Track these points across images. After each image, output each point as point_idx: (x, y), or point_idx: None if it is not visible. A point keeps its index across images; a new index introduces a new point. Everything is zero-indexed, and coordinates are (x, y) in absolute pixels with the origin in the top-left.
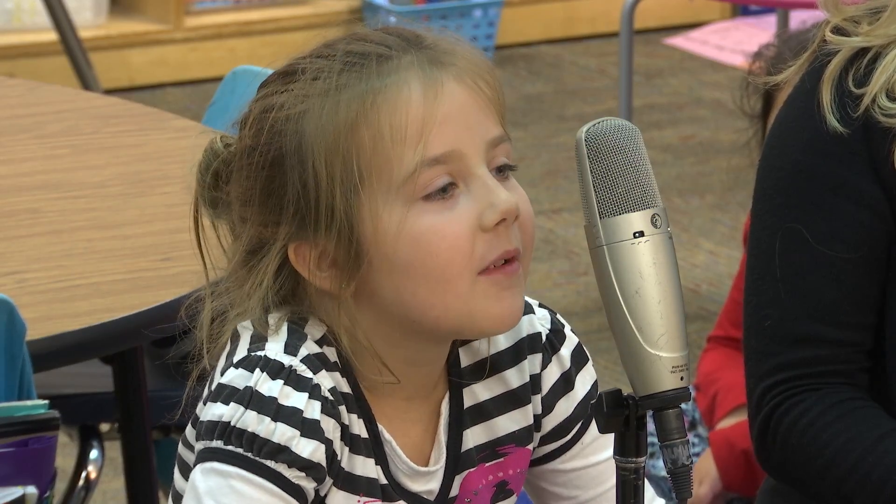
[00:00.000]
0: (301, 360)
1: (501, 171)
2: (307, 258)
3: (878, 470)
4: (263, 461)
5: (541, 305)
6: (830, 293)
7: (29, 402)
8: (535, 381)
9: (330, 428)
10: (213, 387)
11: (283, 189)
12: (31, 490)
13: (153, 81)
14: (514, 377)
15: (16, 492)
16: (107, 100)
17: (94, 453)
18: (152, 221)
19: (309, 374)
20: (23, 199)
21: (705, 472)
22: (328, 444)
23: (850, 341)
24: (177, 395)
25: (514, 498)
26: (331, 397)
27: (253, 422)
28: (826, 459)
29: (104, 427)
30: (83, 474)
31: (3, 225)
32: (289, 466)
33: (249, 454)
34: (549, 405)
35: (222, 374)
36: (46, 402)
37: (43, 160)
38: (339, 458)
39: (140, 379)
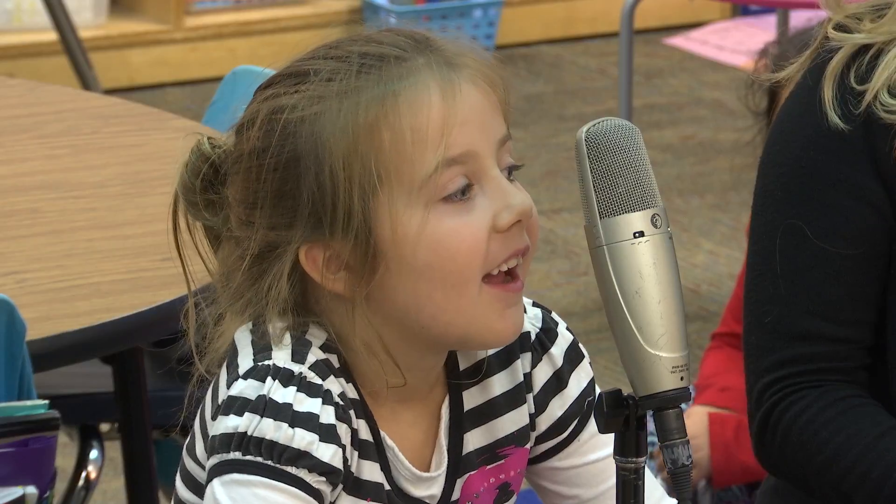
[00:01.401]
0: (309, 368)
1: (508, 173)
2: (319, 261)
3: (878, 467)
4: (284, 468)
5: (535, 304)
6: (831, 290)
7: (29, 402)
8: (527, 379)
9: (343, 433)
10: (221, 400)
11: (298, 191)
12: (31, 490)
13: (153, 81)
14: (509, 378)
15: (16, 492)
16: (107, 100)
17: (94, 453)
18: (152, 221)
19: (318, 380)
20: (23, 199)
21: (694, 450)
22: (343, 449)
23: (851, 338)
24: (177, 395)
25: (514, 498)
26: (341, 402)
27: (270, 429)
28: (826, 456)
29: (104, 427)
30: (83, 474)
31: (3, 225)
32: (310, 471)
33: (270, 462)
34: (541, 404)
35: (229, 387)
36: (46, 402)
37: (43, 160)
38: (349, 462)
39: (140, 379)
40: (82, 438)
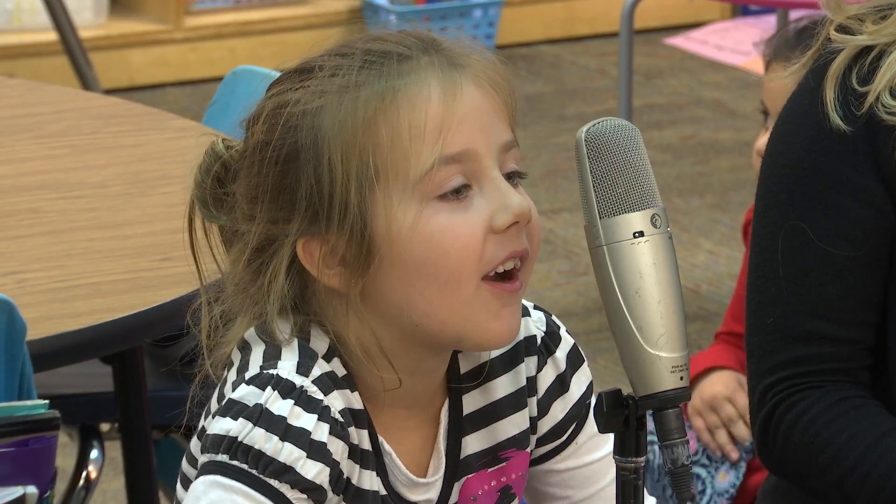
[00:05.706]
0: (313, 381)
1: (511, 179)
2: (316, 255)
3: (880, 468)
4: (267, 479)
5: (536, 307)
6: (833, 291)
7: (29, 402)
8: (531, 383)
9: (338, 450)
10: (224, 402)
11: (297, 184)
12: (31, 490)
13: (153, 81)
14: (512, 381)
15: (16, 492)
16: (107, 100)
17: (94, 453)
18: (152, 221)
19: (320, 395)
20: (23, 199)
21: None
22: (334, 466)
23: (853, 339)
24: (177, 395)
25: (516, 501)
26: (340, 419)
27: (260, 439)
28: (827, 457)
29: (104, 427)
30: (83, 474)
31: (3, 225)
32: (291, 487)
33: (254, 471)
34: (544, 407)
35: (234, 390)
36: (46, 402)
37: (43, 160)
38: (346, 476)
39: (140, 379)
40: (82, 438)
